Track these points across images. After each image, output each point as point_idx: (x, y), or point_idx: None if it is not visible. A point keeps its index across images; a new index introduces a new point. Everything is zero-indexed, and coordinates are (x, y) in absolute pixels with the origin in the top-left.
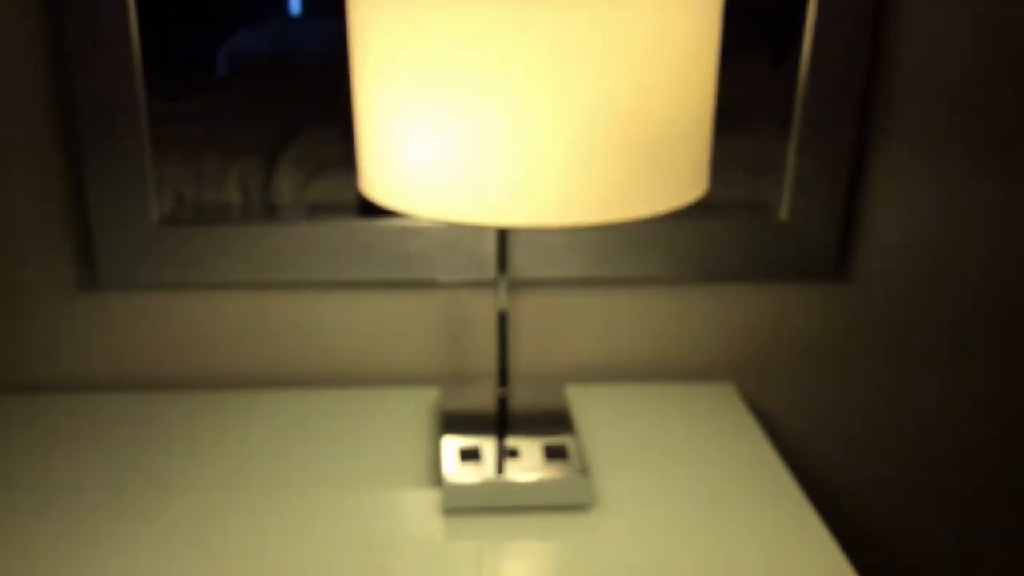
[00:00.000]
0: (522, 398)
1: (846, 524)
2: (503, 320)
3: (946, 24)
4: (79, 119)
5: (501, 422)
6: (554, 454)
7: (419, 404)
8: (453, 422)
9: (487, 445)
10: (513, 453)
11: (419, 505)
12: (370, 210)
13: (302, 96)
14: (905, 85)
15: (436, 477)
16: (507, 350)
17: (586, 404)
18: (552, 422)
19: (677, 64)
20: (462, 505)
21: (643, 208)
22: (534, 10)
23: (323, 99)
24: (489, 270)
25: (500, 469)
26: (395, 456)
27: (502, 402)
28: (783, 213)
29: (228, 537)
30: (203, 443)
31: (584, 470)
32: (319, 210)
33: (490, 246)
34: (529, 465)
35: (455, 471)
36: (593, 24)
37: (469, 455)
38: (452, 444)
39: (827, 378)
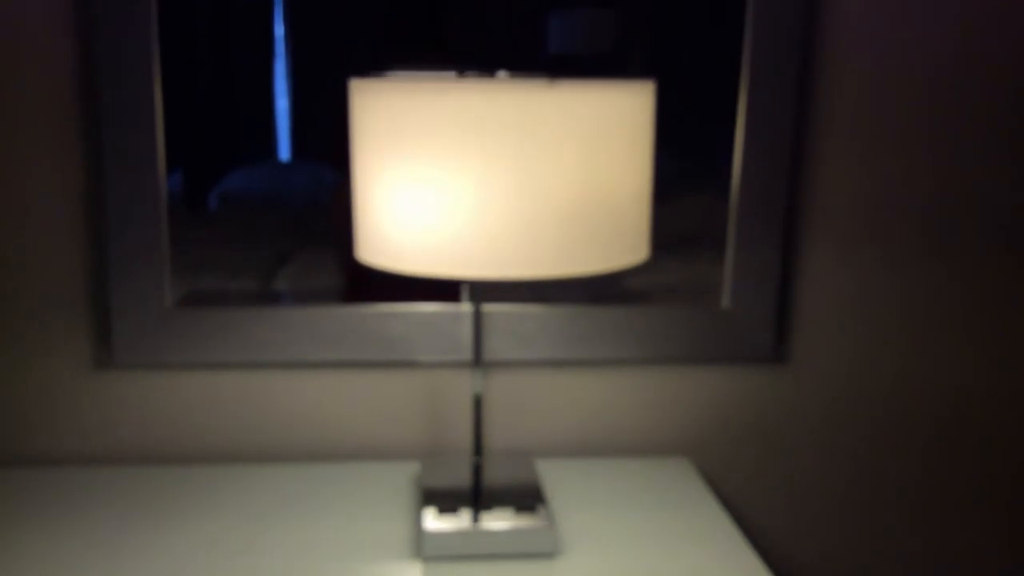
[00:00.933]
0: (495, 470)
1: None
2: (478, 404)
3: (870, 128)
4: (104, 207)
5: (476, 486)
6: (524, 510)
7: (400, 478)
8: (433, 492)
9: (464, 507)
10: (487, 509)
11: (400, 572)
12: (354, 298)
13: (291, 227)
14: (827, 193)
15: (416, 547)
16: (482, 430)
17: (553, 475)
18: (523, 489)
19: (617, 151)
20: (440, 553)
21: (592, 266)
22: (500, 107)
23: (310, 230)
24: (466, 351)
25: (475, 520)
26: (377, 528)
27: (477, 470)
28: (725, 302)
29: None
30: (199, 514)
31: (551, 522)
32: (313, 295)
33: (466, 329)
34: (501, 518)
35: (434, 523)
36: (547, 117)
37: (447, 510)
38: (433, 507)
39: (772, 452)
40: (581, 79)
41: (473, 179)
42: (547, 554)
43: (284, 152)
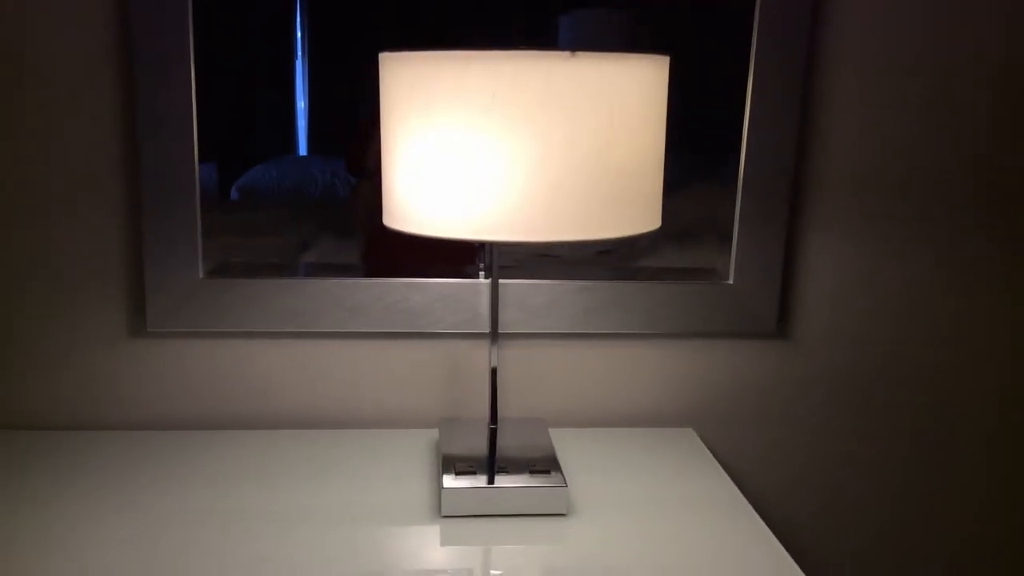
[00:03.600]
0: (510, 436)
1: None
2: (495, 375)
3: (868, 114)
4: (142, 183)
5: (492, 449)
6: (537, 472)
7: (420, 444)
8: (451, 456)
9: (480, 467)
10: (503, 470)
11: (422, 531)
12: (376, 272)
13: (310, 217)
14: (831, 171)
15: (436, 508)
16: (497, 398)
17: (565, 442)
18: (537, 453)
19: (633, 120)
20: (458, 511)
21: (609, 231)
22: (524, 77)
23: (327, 219)
24: (483, 323)
25: (491, 480)
26: (398, 491)
27: (493, 434)
28: (730, 278)
29: (250, 560)
30: (226, 478)
31: (563, 482)
32: (341, 269)
33: (484, 302)
34: (516, 479)
35: (452, 482)
36: (569, 87)
37: (464, 472)
38: (451, 467)
39: (772, 424)
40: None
41: (497, 146)
42: (560, 513)
43: (302, 147)
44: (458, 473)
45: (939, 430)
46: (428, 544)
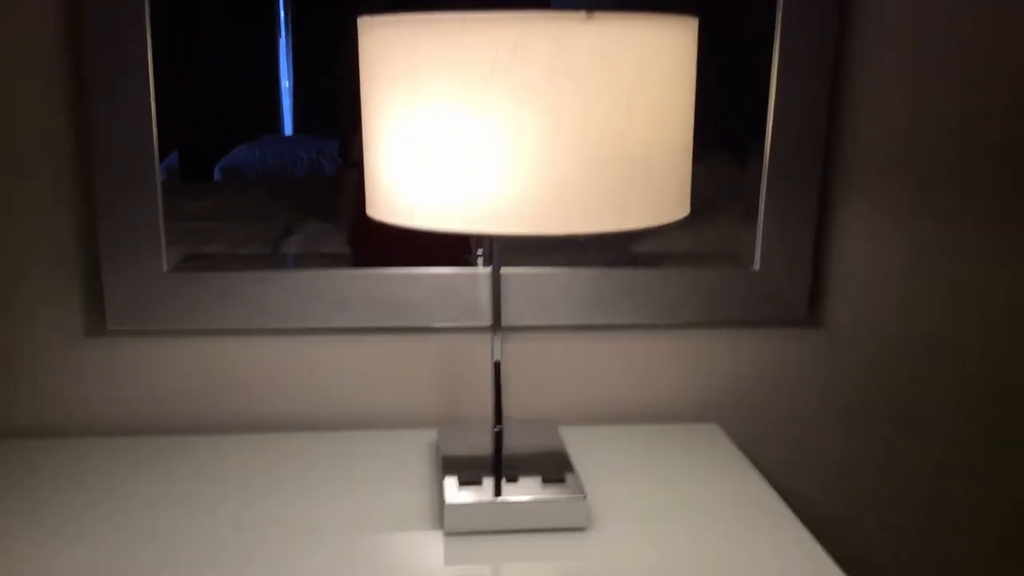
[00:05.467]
0: (517, 438)
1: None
2: (498, 370)
3: (907, 80)
4: (94, 168)
5: (498, 455)
6: (551, 481)
7: (417, 448)
8: (453, 462)
9: (486, 476)
10: (512, 480)
11: (423, 536)
12: (364, 262)
13: (295, 199)
14: (859, 154)
15: (438, 516)
16: (501, 396)
17: (578, 443)
18: (548, 458)
19: (659, 94)
20: (463, 528)
21: (631, 222)
22: (530, 43)
23: (313, 201)
24: (483, 316)
25: (499, 492)
26: (394, 500)
27: (498, 437)
28: (755, 264)
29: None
30: (206, 487)
31: (581, 492)
32: (320, 259)
33: (484, 293)
34: (527, 490)
35: (456, 495)
36: (583, 54)
37: (469, 482)
38: (453, 476)
39: (803, 417)
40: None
41: (499, 125)
42: (579, 527)
43: (287, 127)
44: (462, 484)
45: (982, 423)
46: (431, 565)
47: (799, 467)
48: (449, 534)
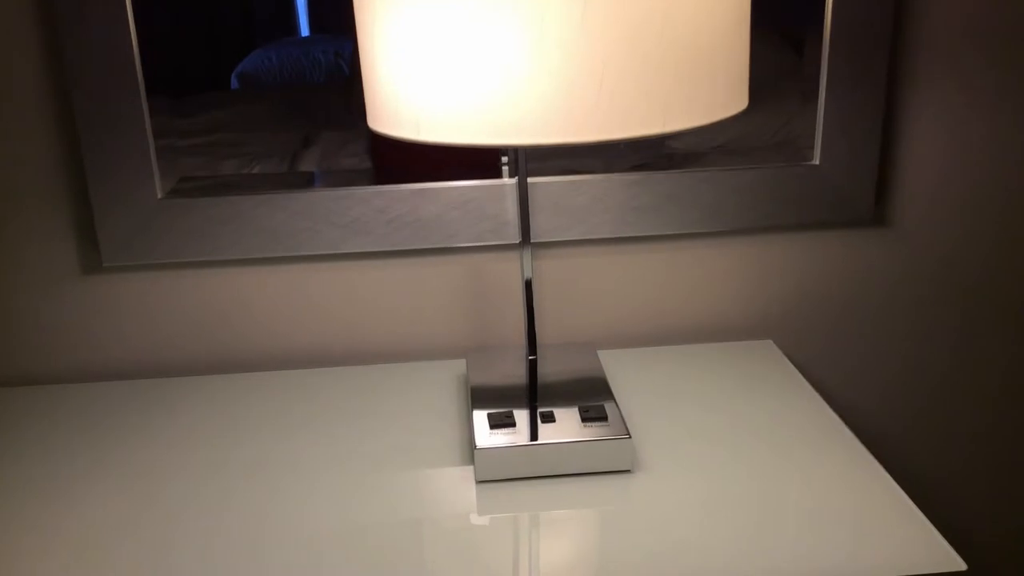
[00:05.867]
0: (552, 365)
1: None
2: (529, 290)
3: None
4: (75, 92)
5: (532, 388)
6: (591, 418)
7: (444, 378)
8: (483, 394)
9: (520, 414)
10: (548, 419)
11: (452, 480)
12: (387, 175)
13: (314, 107)
14: (933, 22)
15: (468, 454)
16: (534, 319)
17: (619, 368)
18: (587, 387)
19: None
20: (496, 475)
21: (681, 121)
22: None
23: (333, 109)
24: (510, 232)
25: (535, 435)
26: (423, 432)
27: (532, 367)
28: (815, 157)
29: (258, 518)
30: (220, 428)
31: (625, 431)
32: (341, 175)
33: (510, 206)
34: (566, 430)
35: (488, 439)
36: None
37: (501, 424)
38: (483, 415)
39: (867, 328)
40: None
41: (520, 16)
42: (624, 470)
43: (303, 27)
44: (493, 426)
45: None
46: (462, 509)
47: (859, 382)
48: (481, 482)
